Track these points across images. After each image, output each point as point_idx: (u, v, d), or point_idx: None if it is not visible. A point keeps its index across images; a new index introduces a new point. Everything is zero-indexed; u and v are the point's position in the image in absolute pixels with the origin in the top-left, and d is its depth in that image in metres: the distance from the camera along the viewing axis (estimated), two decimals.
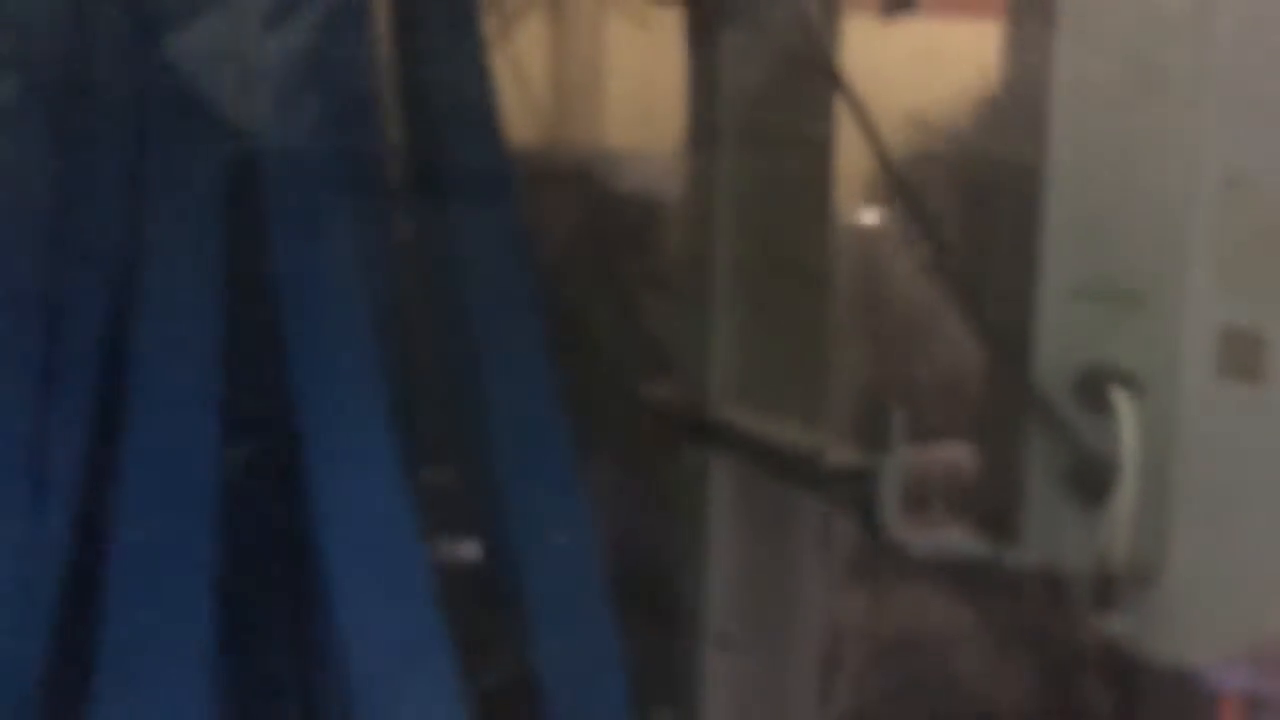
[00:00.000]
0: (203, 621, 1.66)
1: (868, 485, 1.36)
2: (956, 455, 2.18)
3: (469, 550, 2.18)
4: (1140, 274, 1.30)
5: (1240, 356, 1.23)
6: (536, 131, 3.72)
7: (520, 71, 3.50)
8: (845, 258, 2.21)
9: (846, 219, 2.32)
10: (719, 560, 2.13)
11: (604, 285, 2.85)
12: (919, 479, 2.03)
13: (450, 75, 1.93)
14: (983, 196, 1.40)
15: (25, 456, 1.58)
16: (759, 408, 2.05)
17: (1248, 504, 1.28)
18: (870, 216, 2.48)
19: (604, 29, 3.87)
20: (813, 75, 2.07)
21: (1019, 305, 1.34)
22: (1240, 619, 1.32)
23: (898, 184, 1.44)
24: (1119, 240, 1.30)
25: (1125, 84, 1.27)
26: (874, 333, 2.49)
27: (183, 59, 1.66)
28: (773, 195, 2.10)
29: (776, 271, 2.12)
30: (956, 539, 1.38)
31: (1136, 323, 1.31)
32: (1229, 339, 1.24)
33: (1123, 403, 1.27)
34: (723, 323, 2.09)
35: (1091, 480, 1.30)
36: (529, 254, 1.98)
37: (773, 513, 2.14)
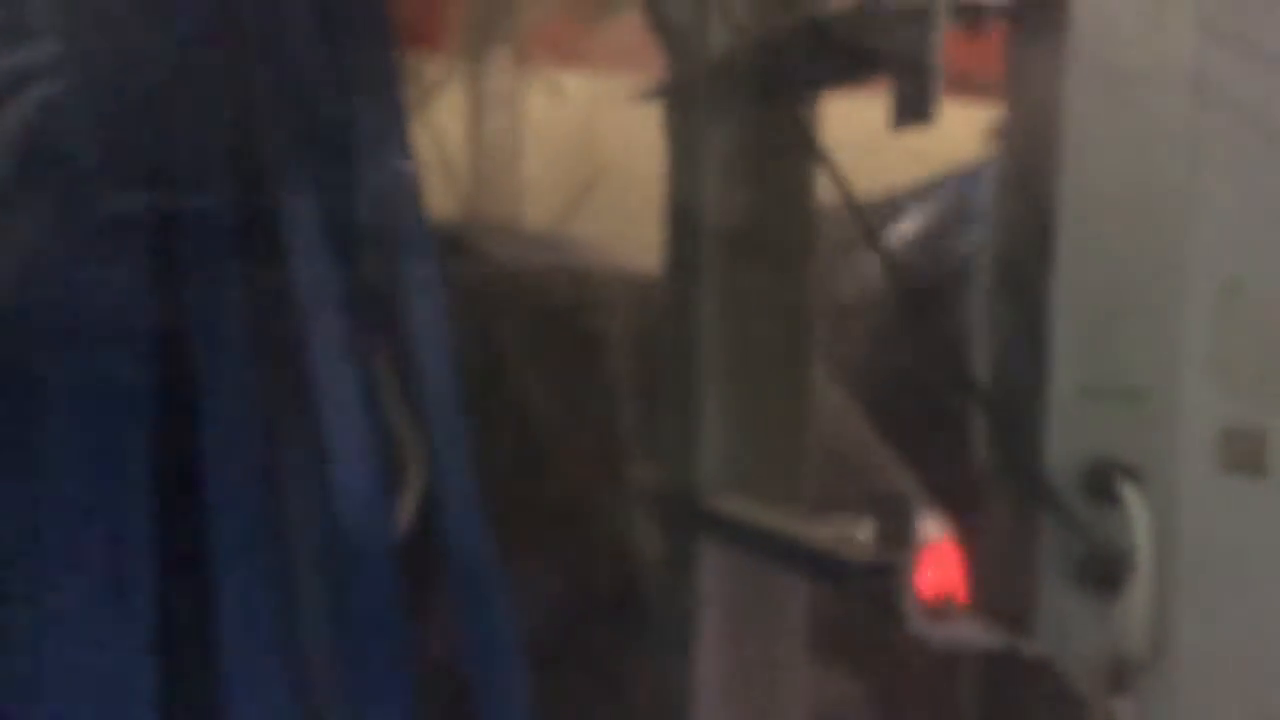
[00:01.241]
0: None
1: (889, 580, 1.42)
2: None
3: None
4: (1143, 373, 1.37)
5: (1243, 452, 1.30)
6: (454, 202, 3.79)
7: (439, 141, 3.56)
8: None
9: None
10: (709, 643, 2.18)
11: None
12: None
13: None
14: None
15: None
16: (752, 496, 2.12)
17: (1250, 592, 1.34)
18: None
19: (522, 100, 3.96)
20: (795, 165, 2.17)
21: (1028, 405, 1.41)
22: (1242, 701, 1.38)
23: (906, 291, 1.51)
24: (1124, 342, 1.37)
25: (1127, 201, 1.35)
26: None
27: None
28: (756, 283, 2.17)
29: (762, 360, 2.18)
30: (973, 630, 1.44)
31: (1140, 420, 1.38)
32: (1230, 436, 1.32)
33: (1133, 496, 1.34)
34: (711, 412, 2.15)
35: (1103, 571, 1.36)
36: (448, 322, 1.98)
37: (758, 596, 2.20)
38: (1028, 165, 1.43)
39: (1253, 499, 1.31)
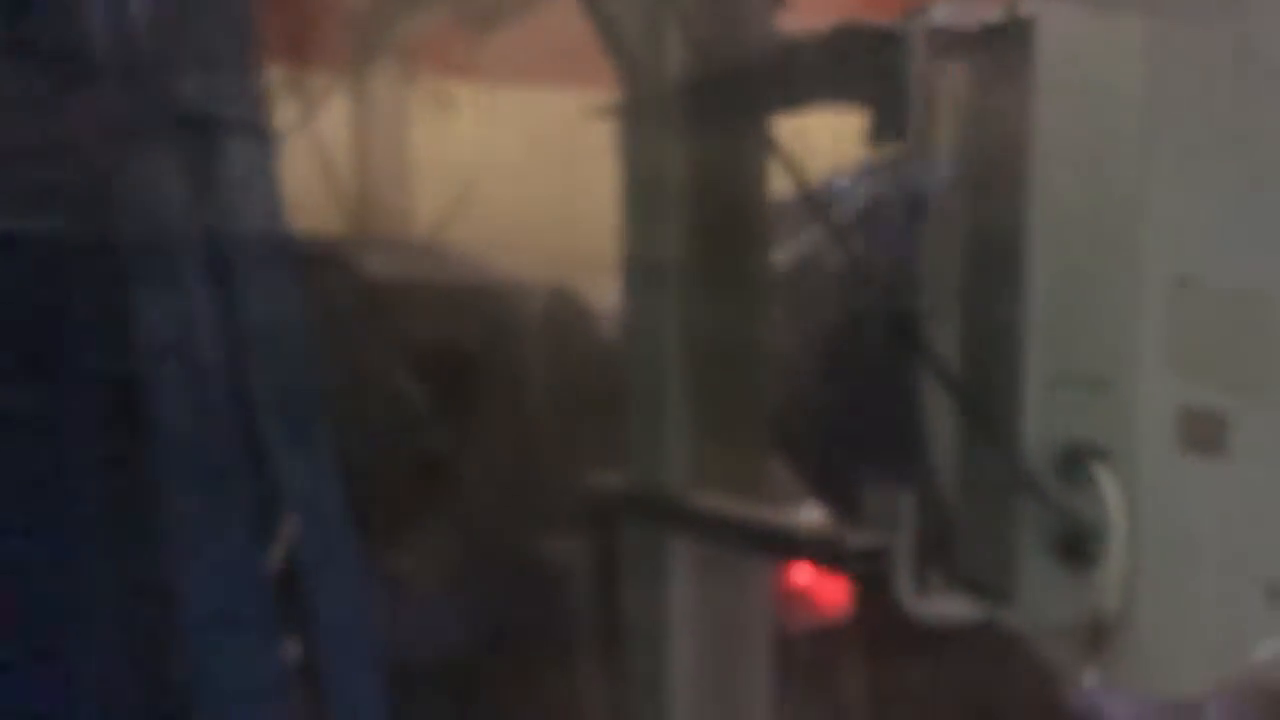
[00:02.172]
0: None
1: (884, 562, 1.54)
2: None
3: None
4: (1108, 363, 1.51)
5: (1201, 433, 1.45)
6: (340, 213, 3.82)
7: (324, 153, 3.59)
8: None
9: None
10: (679, 634, 2.29)
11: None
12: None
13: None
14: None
15: None
16: (720, 490, 2.23)
17: (1208, 558, 1.48)
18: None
19: (408, 111, 3.98)
20: (751, 179, 2.29)
21: (1006, 394, 1.54)
22: (1200, 657, 1.52)
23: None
24: (1089, 336, 1.51)
25: (1088, 208, 1.49)
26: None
27: None
28: (716, 281, 2.28)
29: (722, 363, 2.30)
30: (959, 605, 1.57)
31: (1107, 406, 1.52)
32: (1189, 418, 1.46)
33: (1104, 476, 1.47)
34: (677, 411, 2.26)
35: (1078, 545, 1.50)
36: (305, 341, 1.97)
37: (724, 586, 2.31)
38: (993, 177, 1.56)
39: (1211, 474, 1.45)
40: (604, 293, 3.23)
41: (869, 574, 1.59)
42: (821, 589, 2.67)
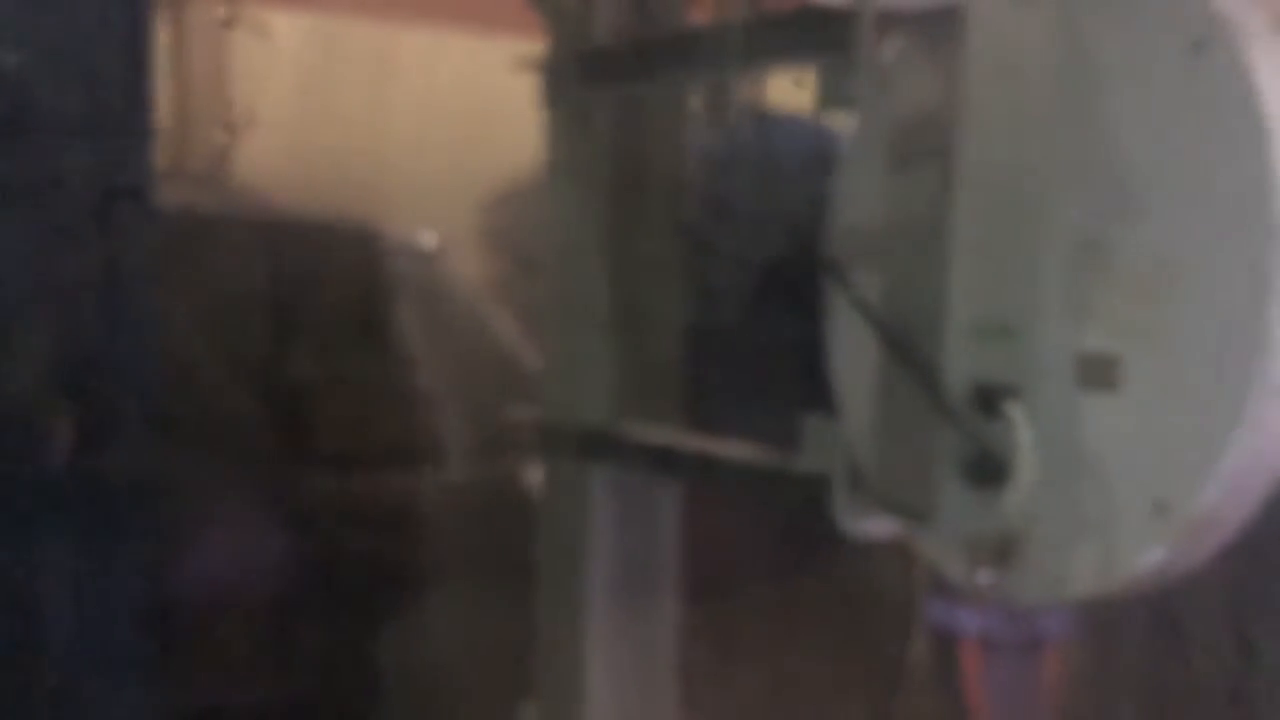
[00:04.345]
0: None
1: (821, 488, 1.74)
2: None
3: None
4: (1019, 313, 1.73)
5: (1097, 373, 1.67)
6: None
7: None
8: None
9: None
10: (598, 559, 2.46)
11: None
12: None
13: None
14: None
15: None
16: (642, 419, 2.40)
17: (1101, 480, 1.71)
18: None
19: (227, 39, 3.97)
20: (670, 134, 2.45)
21: (928, 338, 1.75)
22: (1091, 566, 1.75)
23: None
24: (1003, 290, 1.73)
25: (1005, 177, 1.69)
26: None
27: None
28: (632, 227, 2.44)
29: (639, 300, 2.46)
30: (888, 525, 1.78)
31: (1017, 350, 1.74)
32: (1087, 361, 1.69)
33: (1014, 411, 1.69)
34: (598, 341, 2.42)
35: (989, 471, 1.72)
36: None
37: (639, 510, 2.49)
38: (922, 144, 1.76)
39: (1105, 408, 1.68)
40: (409, 228, 3.32)
41: (805, 499, 1.79)
42: None
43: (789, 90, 2.00)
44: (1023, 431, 1.69)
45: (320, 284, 3.13)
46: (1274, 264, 1.52)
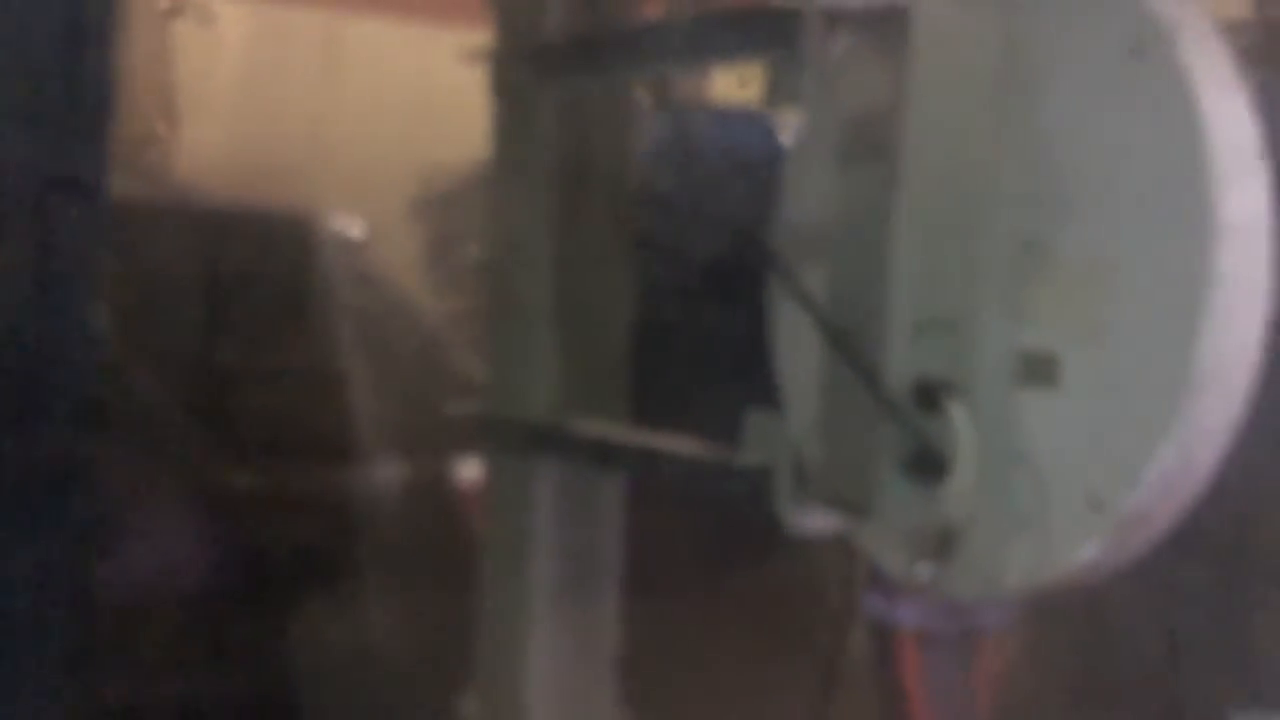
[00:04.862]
0: None
1: (765, 481, 1.75)
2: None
3: None
4: (959, 311, 1.76)
5: (1037, 371, 1.70)
6: None
7: None
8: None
9: None
10: (542, 551, 2.47)
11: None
12: None
13: None
14: None
15: None
16: (586, 414, 2.41)
17: (1036, 471, 1.74)
18: None
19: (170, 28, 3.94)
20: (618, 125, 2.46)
21: (870, 335, 1.77)
22: (1027, 560, 1.78)
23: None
24: (945, 288, 1.75)
25: (949, 177, 1.72)
26: None
27: None
28: (578, 221, 2.45)
29: (586, 293, 2.47)
30: (829, 519, 1.79)
31: (957, 348, 1.76)
32: (1027, 358, 1.71)
33: (955, 407, 1.72)
34: (542, 337, 2.42)
35: (929, 466, 1.74)
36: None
37: (583, 504, 2.50)
38: (867, 142, 1.78)
39: (1043, 405, 1.71)
40: (339, 217, 3.32)
41: (748, 493, 1.80)
42: None
43: (734, 88, 2.02)
44: (962, 427, 1.71)
45: (244, 272, 3.12)
46: (1207, 265, 1.55)
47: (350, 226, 3.29)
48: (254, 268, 3.06)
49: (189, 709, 2.80)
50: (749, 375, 2.15)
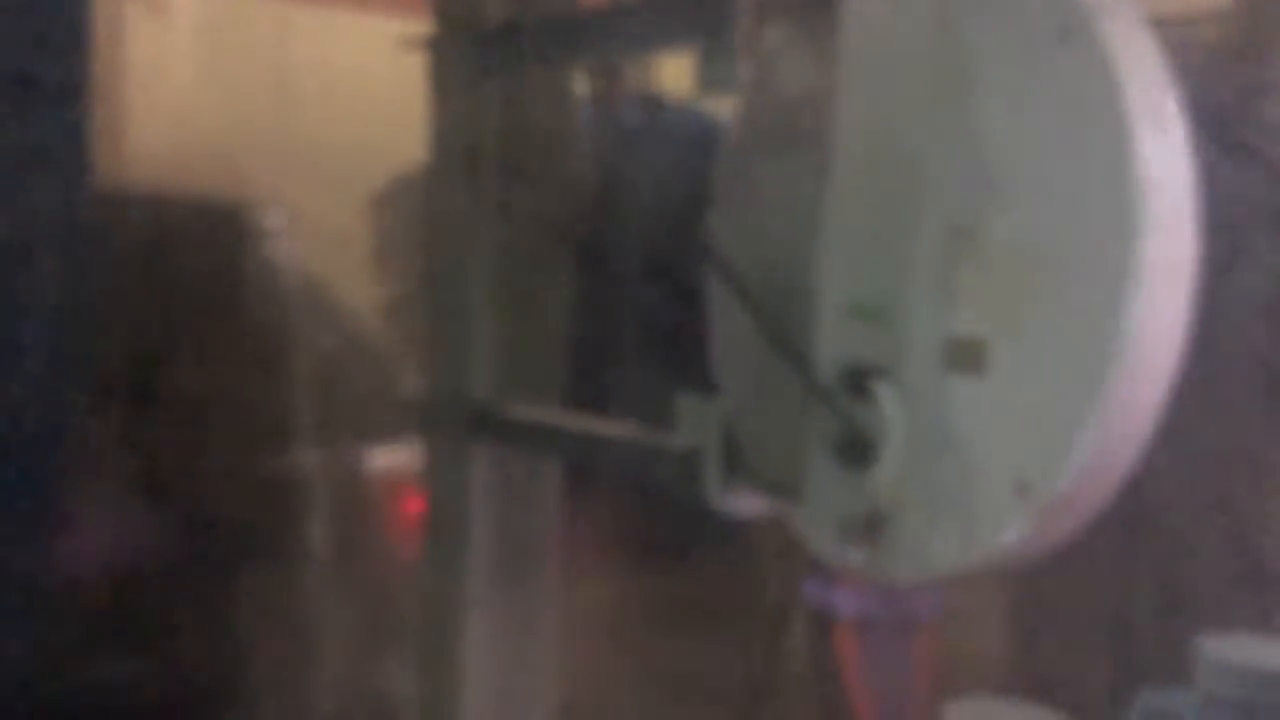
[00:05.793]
0: None
1: (695, 464, 1.76)
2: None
3: None
4: (888, 297, 1.77)
5: (964, 357, 1.71)
6: None
7: None
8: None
9: None
10: (479, 533, 2.47)
11: None
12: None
13: None
14: None
15: None
16: (526, 399, 2.41)
17: (955, 457, 1.76)
18: None
19: (121, 13, 3.95)
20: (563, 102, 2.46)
21: (799, 320, 1.78)
22: (953, 544, 1.80)
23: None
24: (874, 274, 1.76)
25: (880, 164, 1.73)
26: None
27: None
28: (518, 207, 2.45)
29: (526, 276, 2.48)
30: (760, 503, 1.80)
31: (885, 334, 1.78)
32: (954, 345, 1.73)
33: (884, 390, 1.73)
34: (481, 326, 2.43)
35: (857, 450, 1.76)
36: None
37: (520, 487, 2.51)
38: (795, 128, 1.79)
39: (971, 391, 1.72)
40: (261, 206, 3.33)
41: (679, 475, 1.81)
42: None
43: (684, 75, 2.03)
44: (891, 412, 1.73)
45: (163, 257, 3.13)
46: (1131, 253, 1.57)
47: (268, 216, 3.29)
48: (169, 253, 3.07)
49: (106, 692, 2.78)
50: (684, 359, 2.16)
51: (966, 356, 1.73)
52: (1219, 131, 2.78)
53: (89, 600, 2.72)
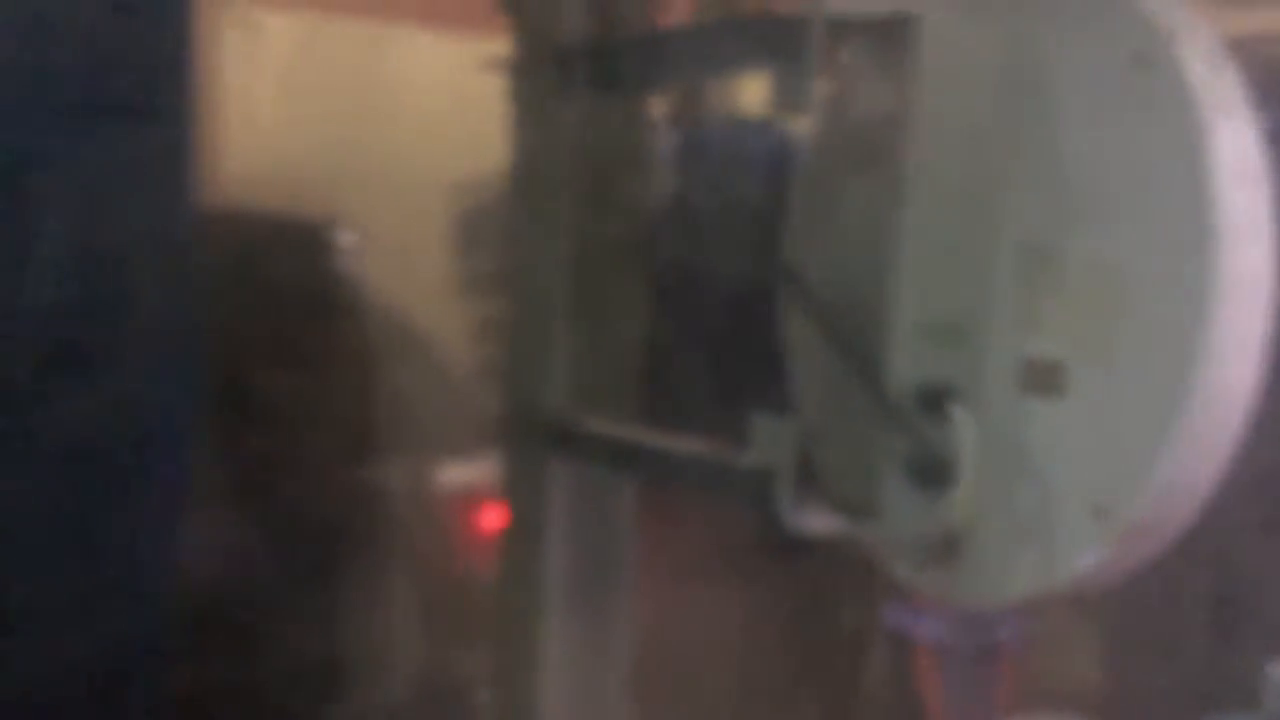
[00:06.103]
0: None
1: (768, 482, 1.76)
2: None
3: None
4: (965, 316, 1.76)
5: (1041, 379, 1.70)
6: None
7: None
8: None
9: None
10: (555, 547, 2.49)
11: None
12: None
13: None
14: None
15: None
16: (606, 413, 2.43)
17: (1039, 480, 1.75)
18: None
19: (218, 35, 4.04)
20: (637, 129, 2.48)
21: (875, 340, 1.78)
22: (1029, 568, 1.78)
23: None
24: (950, 293, 1.76)
25: (958, 185, 1.73)
26: None
27: None
28: (597, 226, 2.47)
29: (604, 292, 2.49)
30: (833, 521, 1.80)
31: (961, 354, 1.77)
32: (1032, 366, 1.72)
33: (959, 412, 1.73)
34: (560, 343, 2.45)
35: (933, 471, 1.75)
36: None
37: (596, 502, 2.52)
38: (872, 150, 1.80)
39: (1048, 413, 1.71)
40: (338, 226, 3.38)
41: (753, 493, 1.82)
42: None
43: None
44: (966, 433, 1.72)
45: (247, 274, 3.21)
46: (1209, 277, 1.55)
47: (342, 233, 3.35)
48: (255, 270, 3.14)
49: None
50: (759, 377, 2.17)
51: (1044, 378, 1.72)
52: None
53: (200, 599, 2.79)
